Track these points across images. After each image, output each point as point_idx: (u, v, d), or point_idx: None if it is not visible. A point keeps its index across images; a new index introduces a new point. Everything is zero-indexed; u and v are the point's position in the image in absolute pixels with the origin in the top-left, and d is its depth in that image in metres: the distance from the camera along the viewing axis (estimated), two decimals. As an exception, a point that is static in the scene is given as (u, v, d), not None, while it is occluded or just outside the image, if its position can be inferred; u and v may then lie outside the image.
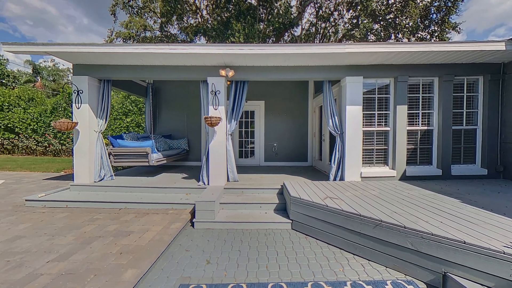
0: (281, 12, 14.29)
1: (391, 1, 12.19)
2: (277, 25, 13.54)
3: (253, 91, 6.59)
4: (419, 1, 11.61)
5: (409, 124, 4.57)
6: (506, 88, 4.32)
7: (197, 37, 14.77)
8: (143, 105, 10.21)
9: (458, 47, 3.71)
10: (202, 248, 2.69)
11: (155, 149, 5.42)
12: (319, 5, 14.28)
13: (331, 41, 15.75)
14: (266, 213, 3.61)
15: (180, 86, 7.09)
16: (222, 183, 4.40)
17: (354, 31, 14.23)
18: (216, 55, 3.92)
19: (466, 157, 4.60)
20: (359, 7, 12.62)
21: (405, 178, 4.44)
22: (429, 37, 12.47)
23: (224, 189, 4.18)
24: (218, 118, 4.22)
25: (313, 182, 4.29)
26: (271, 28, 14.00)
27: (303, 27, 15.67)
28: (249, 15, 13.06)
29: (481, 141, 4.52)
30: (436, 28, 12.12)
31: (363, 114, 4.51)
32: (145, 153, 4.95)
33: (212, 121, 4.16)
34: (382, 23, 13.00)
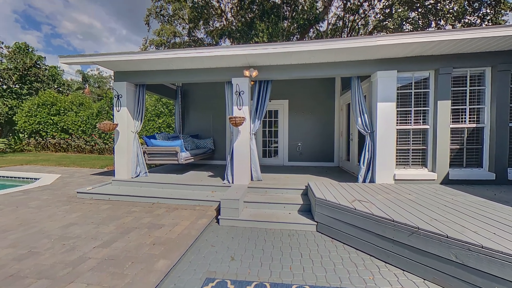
0: (306, 8, 13.93)
1: (432, -16, 11.04)
2: (301, 22, 13.23)
3: (277, 90, 6.54)
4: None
5: (453, 122, 4.06)
6: None
7: (222, 39, 15.24)
8: (173, 107, 10.90)
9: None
10: (227, 245, 2.76)
11: (184, 148, 5.74)
12: (347, -4, 13.60)
13: (360, 34, 14.81)
14: (290, 213, 3.55)
15: (206, 88, 7.39)
16: (246, 182, 4.47)
17: (387, 22, 13.17)
18: (240, 56, 3.98)
19: (528, 159, 3.93)
20: (393, -5, 11.67)
21: (448, 181, 3.97)
22: (479, 21, 10.91)
23: (248, 188, 4.23)
24: (242, 118, 4.29)
25: (340, 183, 4.10)
26: (295, 26, 13.74)
27: (329, 21, 15.03)
28: (273, 13, 13.01)
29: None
30: (488, 11, 10.55)
31: (397, 111, 4.15)
32: (174, 151, 5.28)
33: (236, 121, 4.24)
34: (420, 10, 11.78)
